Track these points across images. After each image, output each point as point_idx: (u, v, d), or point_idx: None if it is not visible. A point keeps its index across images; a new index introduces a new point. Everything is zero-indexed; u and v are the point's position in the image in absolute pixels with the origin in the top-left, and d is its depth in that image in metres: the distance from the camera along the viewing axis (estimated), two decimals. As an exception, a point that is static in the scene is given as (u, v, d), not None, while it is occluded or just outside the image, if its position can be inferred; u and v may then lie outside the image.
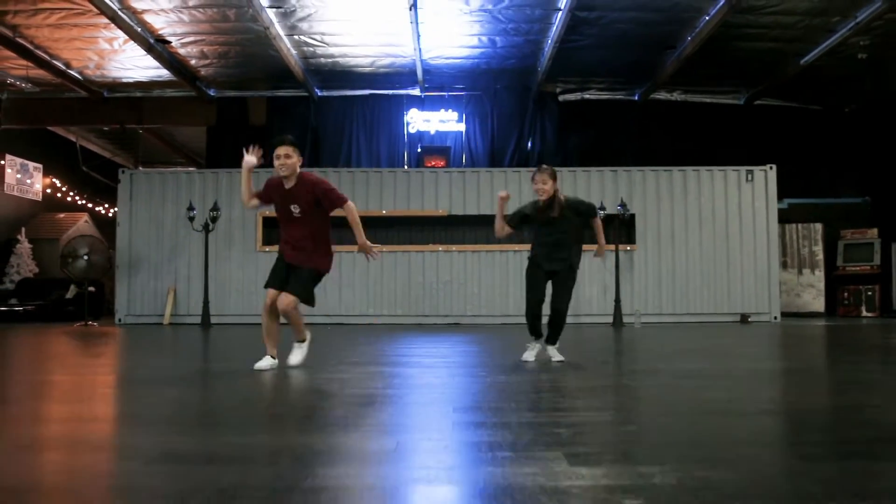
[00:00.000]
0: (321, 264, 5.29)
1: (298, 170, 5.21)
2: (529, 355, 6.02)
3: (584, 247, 6.07)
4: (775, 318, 13.82)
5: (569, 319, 5.99)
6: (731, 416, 3.38)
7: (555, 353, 6.00)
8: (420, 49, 14.07)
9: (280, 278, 5.23)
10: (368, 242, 5.31)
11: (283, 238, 5.33)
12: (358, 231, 5.29)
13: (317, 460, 2.41)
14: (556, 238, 5.84)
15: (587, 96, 16.89)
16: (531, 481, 2.08)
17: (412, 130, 16.34)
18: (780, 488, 2.09)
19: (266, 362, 5.20)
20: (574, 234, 5.92)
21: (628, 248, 13.77)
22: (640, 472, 2.17)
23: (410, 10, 12.23)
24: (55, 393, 4.33)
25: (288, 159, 5.12)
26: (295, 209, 5.17)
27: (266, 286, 5.27)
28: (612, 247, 13.47)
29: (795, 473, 2.28)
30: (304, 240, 5.21)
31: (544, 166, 5.97)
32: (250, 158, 5.27)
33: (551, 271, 5.89)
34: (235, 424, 3.17)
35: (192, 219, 13.12)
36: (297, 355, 5.39)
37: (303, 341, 5.42)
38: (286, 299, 5.12)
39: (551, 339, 6.08)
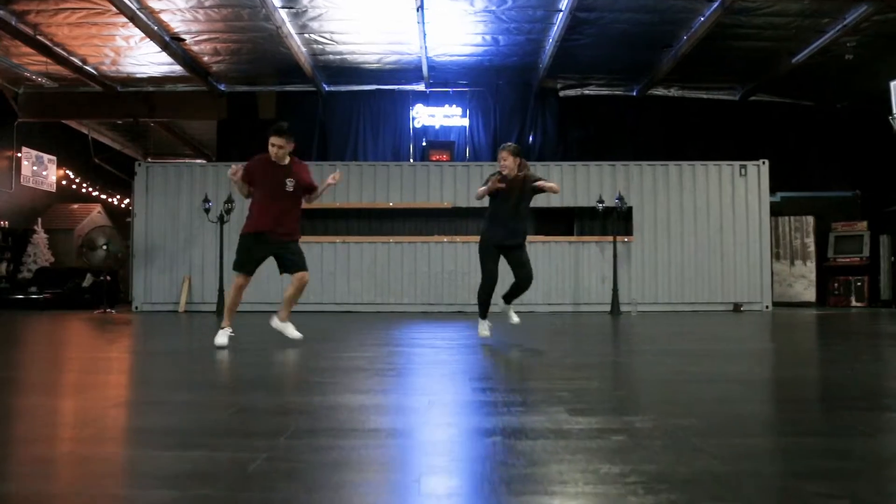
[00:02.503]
0: (299, 237, 6.17)
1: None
2: (485, 330, 6.77)
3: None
4: (767, 307, 14.40)
5: (568, 308, 6.60)
6: (702, 383, 3.96)
7: (513, 315, 6.94)
8: (426, 47, 14.59)
9: (256, 262, 6.03)
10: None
11: (260, 212, 5.96)
12: (321, 193, 6.33)
13: (369, 412, 2.98)
14: (517, 211, 6.54)
15: (587, 92, 17.40)
16: (540, 425, 2.65)
17: (417, 125, 16.87)
18: (731, 430, 2.66)
19: (226, 336, 5.91)
20: (528, 209, 6.70)
21: (625, 239, 14.32)
22: (625, 420, 2.75)
23: (418, 11, 12.75)
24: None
25: (281, 150, 5.92)
26: (290, 183, 5.94)
27: (241, 270, 6.00)
28: (611, 238, 14.07)
29: (744, 418, 2.85)
30: (290, 214, 6.01)
31: (508, 144, 6.81)
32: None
33: (508, 246, 6.57)
34: (299, 389, 3.75)
35: (207, 210, 13.67)
36: (291, 330, 6.23)
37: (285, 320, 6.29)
38: (305, 276, 6.06)
39: (510, 299, 6.91)
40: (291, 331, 6.20)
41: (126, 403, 3.38)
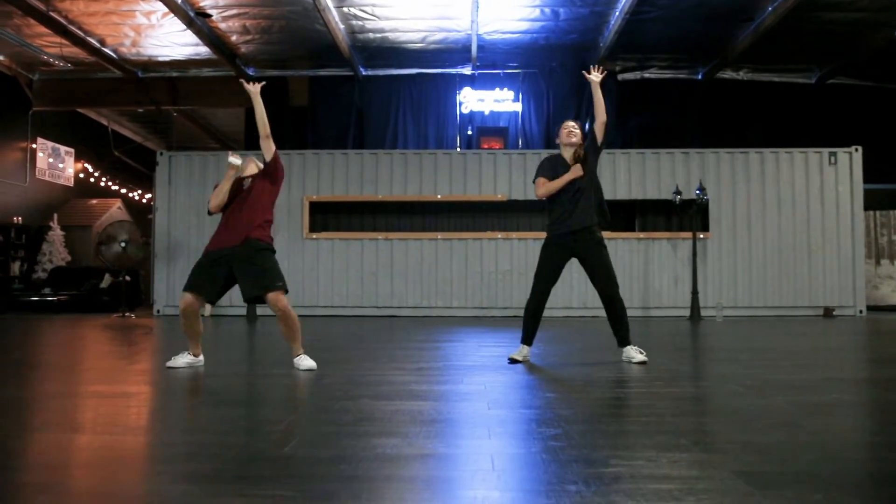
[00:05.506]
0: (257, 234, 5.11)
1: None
2: (519, 354, 5.43)
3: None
4: (861, 311, 12.78)
5: (637, 312, 5.15)
6: None
7: (634, 354, 5.21)
8: (477, 23, 13.15)
9: (215, 288, 5.12)
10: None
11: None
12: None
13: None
14: (580, 191, 5.24)
15: (647, 75, 15.91)
16: None
17: (464, 111, 15.40)
18: None
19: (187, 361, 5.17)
20: (595, 182, 5.33)
21: (701, 235, 12.76)
22: None
23: (473, -23, 11.33)
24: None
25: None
26: (246, 182, 5.20)
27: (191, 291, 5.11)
28: (686, 234, 12.57)
29: None
30: (242, 214, 5.12)
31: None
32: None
33: (574, 238, 5.21)
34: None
35: (236, 203, 12.32)
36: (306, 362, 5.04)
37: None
38: (279, 299, 5.01)
39: (623, 340, 5.31)
40: (305, 362, 4.94)
41: None
